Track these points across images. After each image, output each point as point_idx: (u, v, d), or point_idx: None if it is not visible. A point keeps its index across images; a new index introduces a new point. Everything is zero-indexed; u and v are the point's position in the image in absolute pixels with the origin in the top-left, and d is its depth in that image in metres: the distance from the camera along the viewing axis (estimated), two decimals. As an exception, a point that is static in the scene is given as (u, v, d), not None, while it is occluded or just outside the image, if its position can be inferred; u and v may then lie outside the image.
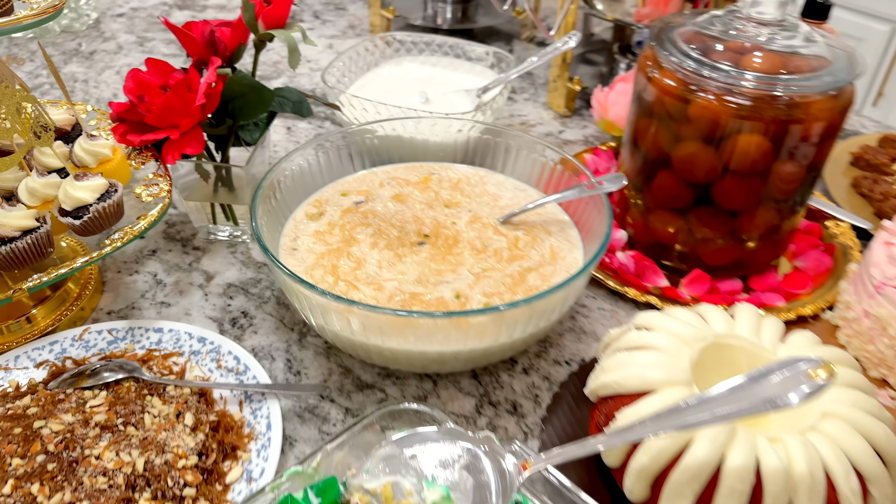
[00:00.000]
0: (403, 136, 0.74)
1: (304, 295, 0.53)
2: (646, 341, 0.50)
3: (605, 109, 0.86)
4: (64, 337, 0.60)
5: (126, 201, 0.61)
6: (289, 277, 0.52)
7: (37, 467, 0.48)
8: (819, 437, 0.44)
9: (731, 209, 0.67)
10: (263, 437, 0.53)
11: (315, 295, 0.51)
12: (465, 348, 0.53)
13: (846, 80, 0.61)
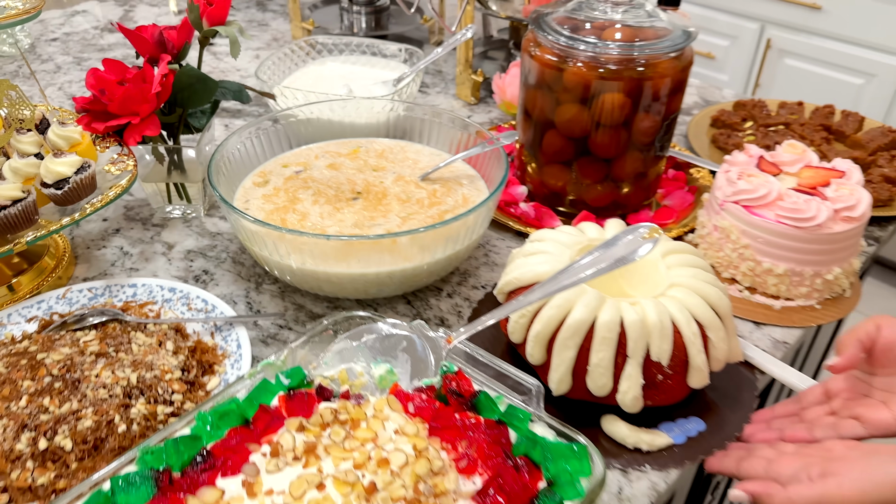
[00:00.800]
0: (333, 119, 0.86)
1: (263, 235, 0.64)
2: (537, 248, 0.64)
3: (504, 92, 1.01)
4: (49, 296, 0.69)
5: (98, 177, 0.71)
6: (252, 223, 0.64)
7: (45, 386, 0.57)
8: (667, 299, 0.58)
9: (606, 157, 0.82)
10: (235, 354, 0.63)
11: (272, 231, 0.63)
12: (397, 269, 0.65)
13: (684, 44, 0.77)
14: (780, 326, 0.72)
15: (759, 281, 0.74)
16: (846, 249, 0.72)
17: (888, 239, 0.88)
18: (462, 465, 0.48)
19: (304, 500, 0.46)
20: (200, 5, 0.75)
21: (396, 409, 0.52)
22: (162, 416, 0.57)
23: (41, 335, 0.64)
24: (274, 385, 0.55)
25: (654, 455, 0.57)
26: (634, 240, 0.53)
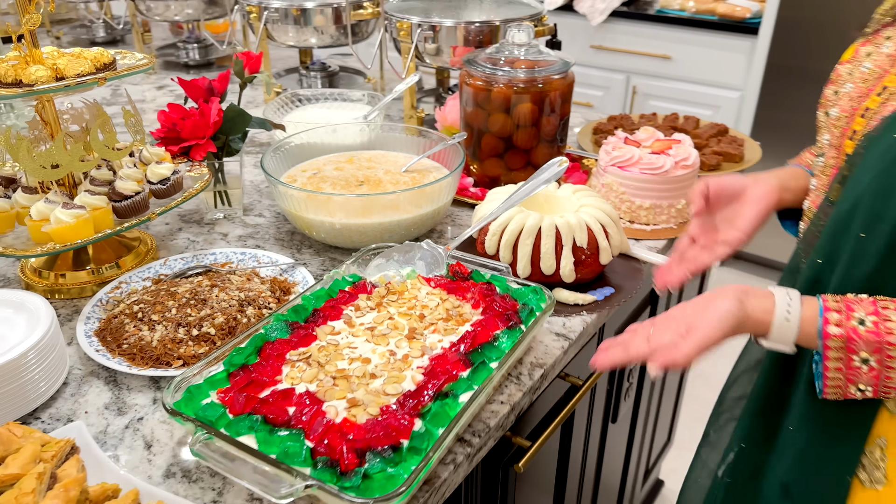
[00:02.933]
0: (326, 142, 1.19)
1: (313, 201, 0.95)
2: (492, 196, 0.99)
3: (445, 119, 1.37)
4: (153, 265, 0.97)
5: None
6: (308, 193, 0.95)
7: (184, 303, 0.85)
8: (581, 213, 0.94)
9: (525, 149, 1.19)
10: (302, 283, 0.93)
11: (322, 197, 0.94)
12: (400, 218, 0.98)
13: (566, 68, 1.16)
14: (652, 240, 1.09)
15: (635, 215, 1.11)
16: (687, 187, 1.11)
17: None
18: (470, 303, 0.81)
19: (383, 325, 0.77)
20: (243, 60, 1.08)
21: (423, 284, 0.84)
22: (266, 316, 0.86)
23: (163, 282, 0.91)
24: (342, 281, 0.86)
25: (584, 307, 0.91)
26: (552, 167, 0.89)
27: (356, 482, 0.58)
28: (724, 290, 0.70)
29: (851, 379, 0.67)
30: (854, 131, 0.75)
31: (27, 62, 0.86)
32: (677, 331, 0.69)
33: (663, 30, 2.76)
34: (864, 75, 0.76)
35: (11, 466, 0.59)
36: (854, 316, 0.66)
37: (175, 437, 0.71)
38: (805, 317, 0.68)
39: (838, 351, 0.66)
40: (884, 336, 0.64)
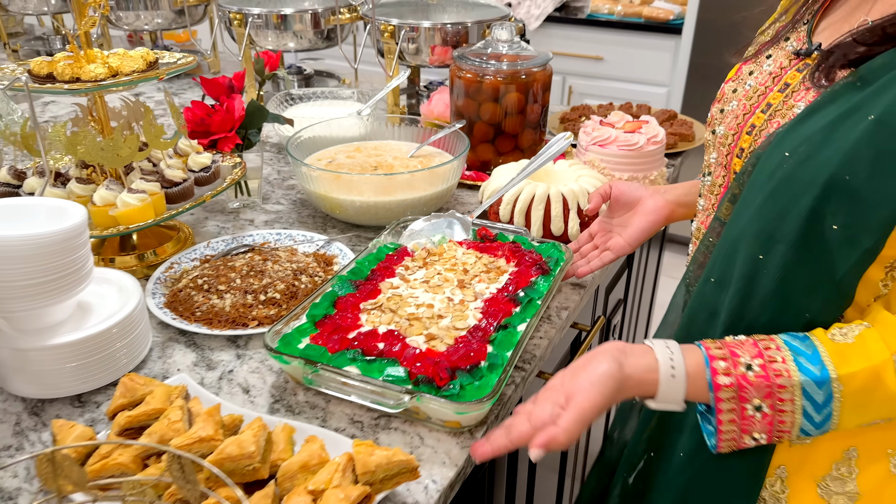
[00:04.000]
0: (331, 135, 1.29)
1: (339, 181, 1.06)
2: (499, 173, 1.12)
3: (431, 112, 1.50)
4: (198, 247, 1.05)
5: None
6: (335, 173, 1.05)
7: (244, 274, 0.94)
8: (580, 181, 1.09)
9: (513, 134, 1.33)
10: (340, 254, 1.04)
11: (347, 176, 1.05)
12: (417, 195, 1.10)
13: (545, 60, 1.31)
14: (633, 207, 1.25)
15: (616, 186, 1.27)
16: (657, 161, 1.28)
17: (679, 165, 1.46)
18: (502, 259, 0.94)
19: (434, 279, 0.89)
20: (263, 57, 1.17)
21: (457, 246, 0.97)
22: (319, 282, 0.96)
23: (213, 261, 1.00)
24: (385, 248, 0.97)
25: (588, 261, 1.06)
26: (560, 140, 1.03)
27: (454, 391, 0.70)
28: (601, 349, 0.66)
29: (746, 429, 0.63)
30: (741, 149, 0.75)
31: (82, 61, 0.93)
32: (557, 402, 0.64)
33: (595, 33, 2.98)
34: (748, 93, 0.77)
35: (153, 403, 0.68)
36: (740, 362, 0.63)
37: (268, 382, 0.81)
38: (691, 370, 0.64)
39: (731, 402, 0.62)
40: (773, 379, 0.61)
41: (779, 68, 0.74)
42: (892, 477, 0.66)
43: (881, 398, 0.60)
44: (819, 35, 0.73)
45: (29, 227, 0.71)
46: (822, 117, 0.62)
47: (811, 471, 0.68)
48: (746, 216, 0.65)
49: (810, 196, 0.59)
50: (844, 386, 0.59)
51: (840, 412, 0.60)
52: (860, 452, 0.67)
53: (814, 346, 0.61)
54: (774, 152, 0.64)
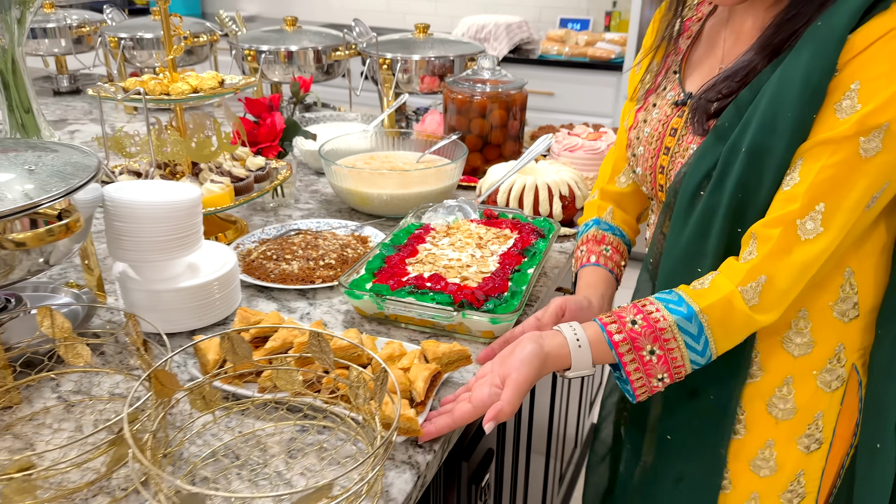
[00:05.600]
0: (345, 147, 1.55)
1: (367, 176, 1.32)
2: (493, 171, 1.40)
3: (424, 129, 1.77)
4: (255, 233, 1.28)
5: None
6: (365, 171, 1.31)
7: (304, 247, 1.18)
8: (559, 175, 1.37)
9: (497, 144, 1.62)
10: (372, 234, 1.28)
11: (374, 174, 1.31)
12: (430, 189, 1.36)
13: (522, 84, 1.61)
14: (598, 199, 1.54)
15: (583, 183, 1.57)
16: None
17: (630, 171, 1.77)
18: (506, 230, 1.21)
19: (457, 242, 1.15)
20: (299, 81, 1.43)
21: (468, 223, 1.23)
22: (362, 253, 1.21)
23: (270, 241, 1.23)
24: (412, 226, 1.23)
25: (570, 235, 1.33)
26: (545, 140, 1.32)
27: (490, 308, 0.95)
28: (523, 338, 0.80)
29: (650, 373, 0.78)
30: (660, 185, 0.93)
31: (168, 82, 1.17)
32: (492, 383, 0.77)
33: (546, 71, 3.34)
34: (648, 139, 0.92)
35: (271, 320, 0.91)
36: (626, 320, 0.78)
37: (339, 319, 1.04)
38: (592, 338, 0.79)
39: (630, 353, 0.77)
40: (653, 325, 0.77)
41: (665, 115, 0.91)
42: (819, 392, 0.88)
43: (739, 320, 0.77)
44: (689, 81, 0.91)
45: (165, 196, 0.94)
46: (713, 156, 0.81)
47: (761, 395, 0.88)
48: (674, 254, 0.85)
49: (720, 217, 0.80)
50: (708, 315, 0.77)
51: (713, 338, 0.78)
52: (794, 378, 0.87)
53: (678, 294, 0.80)
54: (686, 187, 0.83)
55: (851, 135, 0.71)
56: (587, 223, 1.09)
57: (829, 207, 0.73)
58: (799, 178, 0.74)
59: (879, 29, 0.71)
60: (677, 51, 0.96)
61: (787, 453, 0.89)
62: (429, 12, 4.21)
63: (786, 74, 0.75)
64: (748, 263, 0.77)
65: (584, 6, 3.77)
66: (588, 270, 1.02)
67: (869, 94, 0.71)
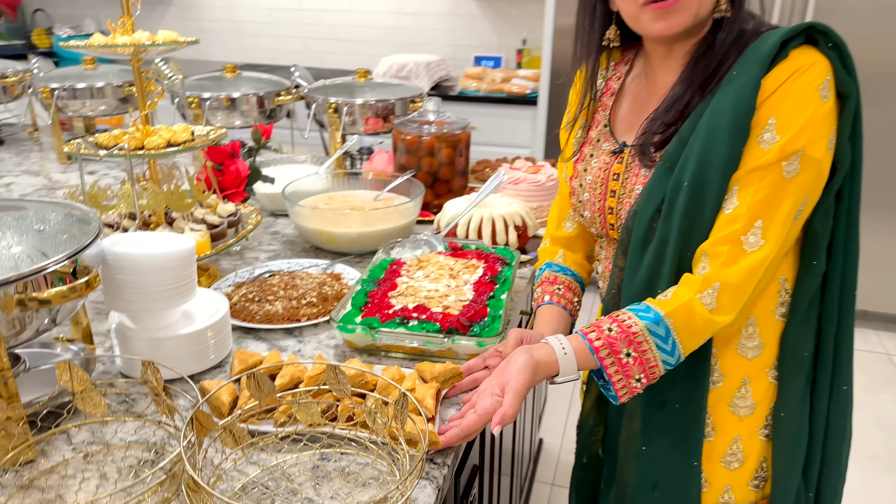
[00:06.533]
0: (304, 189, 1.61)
1: (331, 216, 1.39)
2: (449, 206, 1.50)
3: (374, 168, 1.86)
4: (229, 277, 1.31)
5: (231, 218, 1.37)
6: (329, 212, 1.38)
7: (282, 287, 1.23)
8: (512, 207, 1.48)
9: (446, 180, 1.72)
10: (343, 272, 1.35)
11: (339, 214, 1.38)
12: (392, 226, 1.45)
13: (466, 124, 1.73)
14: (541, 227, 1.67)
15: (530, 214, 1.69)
16: (553, 194, 1.71)
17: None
18: (473, 260, 1.31)
19: (431, 274, 1.24)
20: (260, 128, 1.48)
21: (436, 256, 1.33)
22: (339, 289, 1.27)
23: (246, 284, 1.27)
24: (385, 261, 1.30)
25: (526, 262, 1.45)
26: (498, 176, 1.43)
27: (475, 333, 1.04)
28: (515, 352, 0.90)
29: (628, 374, 0.87)
30: (610, 224, 1.04)
31: (144, 134, 1.21)
32: (493, 393, 0.86)
33: (466, 107, 3.50)
34: (592, 185, 1.04)
35: (273, 360, 0.96)
36: (603, 328, 0.89)
37: (331, 354, 1.10)
38: (576, 347, 0.89)
39: (609, 357, 0.87)
40: (627, 330, 0.88)
41: (605, 163, 1.03)
42: (771, 385, 1.01)
43: (701, 322, 0.89)
44: (620, 132, 1.04)
45: (164, 247, 0.98)
46: (659, 192, 0.93)
47: (724, 398, 1.01)
48: (631, 289, 0.97)
49: (672, 243, 0.92)
50: (673, 319, 0.88)
51: (680, 339, 0.88)
52: (751, 378, 1.00)
53: (645, 304, 0.91)
54: (640, 222, 0.94)
55: (775, 161, 0.86)
56: (541, 267, 1.21)
57: (765, 222, 0.87)
58: (738, 202, 0.88)
59: (784, 73, 0.87)
60: (604, 107, 1.09)
61: (751, 445, 1.02)
62: (345, 51, 4.31)
63: (713, 117, 0.90)
64: (703, 275, 0.90)
65: (496, 44, 3.98)
66: (543, 309, 1.13)
67: (784, 126, 0.86)
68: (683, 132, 0.93)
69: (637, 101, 1.05)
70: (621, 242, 1.00)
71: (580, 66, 1.09)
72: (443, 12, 4.01)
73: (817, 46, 0.88)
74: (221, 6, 4.41)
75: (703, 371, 0.98)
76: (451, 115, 1.75)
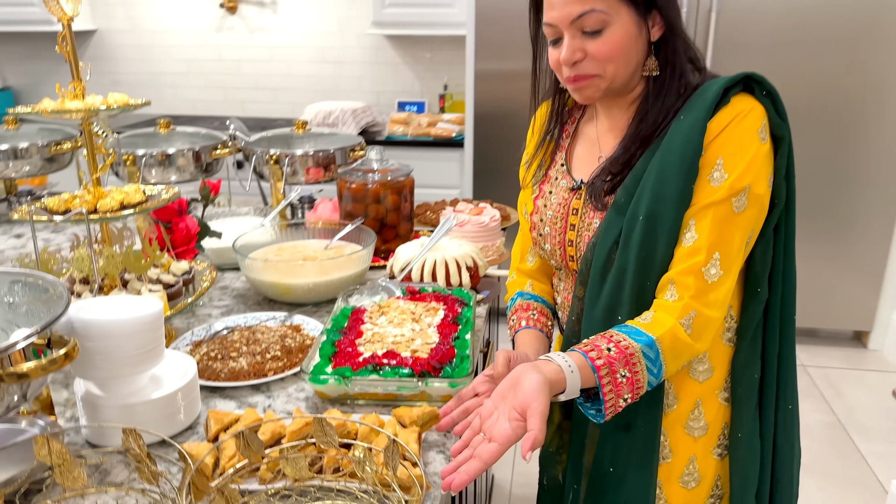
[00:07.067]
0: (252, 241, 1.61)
1: (285, 268, 1.40)
2: (401, 252, 1.54)
3: (319, 217, 1.87)
4: (184, 337, 1.29)
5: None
6: (281, 264, 1.39)
7: (244, 342, 1.22)
8: (462, 249, 1.54)
9: (393, 226, 1.76)
10: (302, 322, 1.35)
11: (292, 265, 1.39)
12: (345, 274, 1.47)
13: (409, 172, 1.78)
14: (492, 266, 1.73)
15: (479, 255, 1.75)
16: (497, 233, 1.78)
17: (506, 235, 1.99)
18: (432, 303, 1.35)
19: (395, 320, 1.26)
20: (208, 184, 1.48)
21: (395, 300, 1.35)
22: (301, 341, 1.27)
23: (205, 343, 1.26)
24: (346, 309, 1.32)
25: (480, 300, 1.49)
26: (448, 221, 1.48)
27: (447, 374, 1.08)
28: (519, 370, 0.89)
29: (619, 394, 0.91)
30: (570, 256, 1.09)
31: (96, 197, 1.19)
32: (511, 417, 0.83)
33: (395, 151, 3.56)
34: (552, 220, 1.10)
35: (251, 418, 0.96)
36: (602, 348, 0.92)
37: (302, 406, 1.10)
38: (580, 365, 0.91)
39: (608, 376, 0.90)
40: (624, 351, 0.92)
41: (563, 199, 1.10)
42: (722, 406, 1.09)
43: (682, 346, 0.96)
44: (576, 171, 1.11)
45: (133, 312, 0.97)
46: (616, 226, 1.00)
47: (679, 421, 1.08)
48: (592, 318, 1.02)
49: (630, 273, 0.99)
50: (662, 343, 0.94)
51: (665, 362, 0.94)
52: (703, 401, 1.07)
53: (634, 326, 0.96)
54: (599, 254, 1.01)
55: (726, 197, 0.95)
56: (513, 297, 1.26)
57: (722, 254, 0.96)
58: (697, 236, 0.96)
59: (726, 118, 0.97)
60: (560, 148, 1.17)
61: (706, 464, 1.09)
62: (268, 100, 4.31)
63: (665, 156, 0.98)
64: (680, 302, 0.96)
65: (419, 90, 4.08)
66: (522, 333, 1.18)
67: (731, 166, 0.95)
68: (637, 170, 1.01)
69: (590, 142, 1.13)
70: (581, 273, 1.06)
71: (536, 110, 1.18)
72: (364, 60, 4.09)
73: (753, 94, 0.98)
74: (136, 58, 4.34)
75: (660, 395, 1.05)
76: (393, 163, 1.80)
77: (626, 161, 1.03)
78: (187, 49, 4.27)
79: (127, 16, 4.25)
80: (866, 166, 3.07)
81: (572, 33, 0.99)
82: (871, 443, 2.60)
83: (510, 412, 0.84)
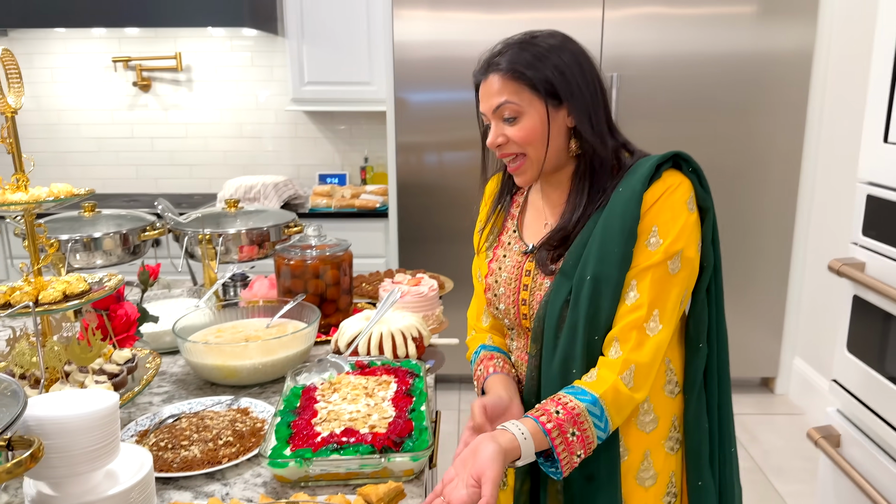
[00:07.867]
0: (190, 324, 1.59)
1: (228, 351, 1.39)
2: (346, 326, 1.55)
3: (255, 295, 1.86)
4: (128, 427, 1.25)
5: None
6: (224, 346, 1.38)
7: (195, 430, 1.20)
8: (406, 320, 1.57)
9: (333, 300, 1.78)
10: (250, 405, 1.34)
11: (235, 347, 1.38)
12: (290, 353, 1.47)
13: (347, 247, 1.81)
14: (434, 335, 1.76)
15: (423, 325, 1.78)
16: (436, 302, 1.83)
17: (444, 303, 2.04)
18: (383, 376, 1.37)
19: (348, 396, 1.28)
20: (149, 270, 1.45)
21: (345, 376, 1.37)
22: (252, 424, 1.26)
23: (151, 433, 1.23)
24: (296, 388, 1.32)
25: (428, 369, 1.52)
26: (393, 294, 1.52)
27: (408, 448, 1.09)
28: (478, 440, 0.97)
29: (572, 451, 0.99)
30: (523, 314, 1.16)
31: (36, 288, 1.16)
32: (468, 484, 0.91)
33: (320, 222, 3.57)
34: (507, 281, 1.18)
35: (219, 506, 0.94)
36: (551, 412, 0.99)
37: (263, 492, 1.09)
38: (532, 431, 0.97)
39: (559, 437, 0.97)
40: (571, 412, 0.99)
41: (517, 262, 1.19)
42: (668, 455, 1.16)
43: (624, 400, 1.04)
44: (527, 236, 1.20)
45: (89, 406, 0.94)
46: (566, 287, 1.09)
47: (632, 471, 1.14)
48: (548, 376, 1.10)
49: (581, 328, 1.06)
50: (606, 400, 1.02)
51: (610, 417, 1.02)
52: (651, 451, 1.14)
53: (580, 387, 1.04)
54: (551, 312, 1.09)
55: (662, 260, 1.05)
56: (476, 350, 1.32)
57: (661, 311, 1.05)
58: (639, 294, 1.05)
59: (659, 190, 1.08)
60: (512, 217, 1.27)
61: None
62: (184, 176, 4.25)
63: (608, 222, 1.08)
64: (619, 358, 1.05)
65: (339, 162, 4.15)
66: (491, 379, 1.22)
67: (665, 232, 1.06)
68: (582, 236, 1.10)
69: (537, 211, 1.24)
70: (534, 330, 1.14)
71: (486, 183, 1.30)
72: (283, 135, 4.13)
73: (681, 170, 1.09)
74: (41, 137, 4.20)
75: (616, 445, 1.11)
76: (332, 239, 1.83)
77: (564, 236, 1.13)
78: (97, 127, 4.18)
79: (32, 94, 4.13)
80: (758, 223, 3.36)
81: (496, 121, 1.13)
82: (788, 483, 2.76)
83: (468, 479, 0.92)
